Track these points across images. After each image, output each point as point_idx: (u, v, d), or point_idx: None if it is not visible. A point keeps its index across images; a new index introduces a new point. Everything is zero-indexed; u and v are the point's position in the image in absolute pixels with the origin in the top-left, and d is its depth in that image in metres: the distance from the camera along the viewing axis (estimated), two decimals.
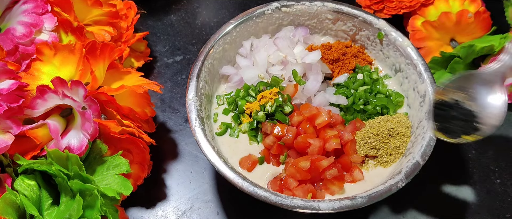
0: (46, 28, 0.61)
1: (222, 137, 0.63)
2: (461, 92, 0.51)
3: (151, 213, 0.65)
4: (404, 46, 0.66)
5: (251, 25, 0.69)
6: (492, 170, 0.69)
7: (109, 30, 0.69)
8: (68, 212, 0.51)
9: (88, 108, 0.54)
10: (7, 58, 0.58)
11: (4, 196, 0.51)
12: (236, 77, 0.67)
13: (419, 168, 0.55)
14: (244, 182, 0.54)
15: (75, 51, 0.58)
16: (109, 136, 0.57)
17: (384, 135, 0.61)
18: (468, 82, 0.51)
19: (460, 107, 0.51)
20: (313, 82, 0.64)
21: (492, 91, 0.50)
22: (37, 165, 0.52)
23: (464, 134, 0.50)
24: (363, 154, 0.60)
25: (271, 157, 0.62)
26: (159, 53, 0.82)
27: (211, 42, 0.65)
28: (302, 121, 0.61)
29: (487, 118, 0.49)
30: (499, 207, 0.66)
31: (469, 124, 0.50)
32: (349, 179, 0.59)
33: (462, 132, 0.50)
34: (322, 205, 0.52)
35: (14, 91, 0.53)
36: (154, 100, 0.74)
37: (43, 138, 0.56)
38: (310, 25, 0.72)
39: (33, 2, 0.61)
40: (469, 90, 0.51)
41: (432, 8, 0.77)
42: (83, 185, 0.52)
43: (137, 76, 0.63)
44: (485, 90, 0.50)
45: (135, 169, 0.60)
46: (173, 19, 0.86)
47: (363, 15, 0.69)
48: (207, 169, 0.69)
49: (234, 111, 0.65)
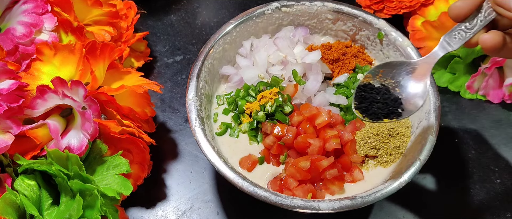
0: (46, 28, 0.61)
1: (222, 137, 0.63)
2: (389, 78, 0.53)
3: (151, 213, 0.65)
4: (404, 46, 0.66)
5: (251, 25, 0.69)
6: (492, 170, 0.69)
7: (109, 30, 0.69)
8: (68, 212, 0.51)
9: (88, 108, 0.54)
10: (7, 58, 0.58)
11: (4, 196, 0.51)
12: (236, 77, 0.67)
13: (419, 168, 0.55)
14: (244, 182, 0.54)
15: (75, 51, 0.58)
16: (109, 136, 0.57)
17: (384, 135, 0.61)
18: (398, 69, 0.53)
19: (385, 92, 0.53)
20: (313, 82, 0.64)
21: (417, 80, 0.52)
22: (37, 165, 0.52)
23: (385, 117, 0.52)
24: (363, 154, 0.60)
25: (271, 157, 0.62)
26: (159, 53, 0.82)
27: (211, 42, 0.65)
28: (302, 121, 0.61)
29: (408, 105, 0.52)
30: (499, 207, 0.66)
31: (391, 109, 0.52)
32: (349, 179, 0.59)
33: (383, 116, 0.52)
34: (322, 205, 0.52)
35: (14, 91, 0.53)
36: (154, 100, 0.74)
37: (43, 138, 0.56)
38: (310, 25, 0.72)
39: (33, 2, 0.61)
40: (397, 77, 0.53)
41: (432, 8, 0.77)
42: (83, 185, 0.52)
43: (137, 76, 0.63)
44: (411, 78, 0.52)
45: (135, 169, 0.60)
46: (173, 19, 0.86)
47: (363, 15, 0.69)
48: (207, 169, 0.69)
49: (234, 111, 0.65)
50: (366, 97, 0.53)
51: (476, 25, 0.48)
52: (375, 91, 0.53)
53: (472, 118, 0.74)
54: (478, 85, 0.74)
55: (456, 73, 0.75)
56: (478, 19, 0.47)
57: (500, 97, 0.74)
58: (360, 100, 0.53)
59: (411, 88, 0.52)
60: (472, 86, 0.73)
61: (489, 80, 0.72)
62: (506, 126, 0.73)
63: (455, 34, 0.49)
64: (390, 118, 0.52)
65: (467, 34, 0.48)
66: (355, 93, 0.54)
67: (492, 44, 0.45)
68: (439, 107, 0.59)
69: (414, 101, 0.52)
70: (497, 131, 0.73)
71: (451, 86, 0.75)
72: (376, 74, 0.54)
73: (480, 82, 0.73)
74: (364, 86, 0.54)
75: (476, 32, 0.48)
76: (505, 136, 0.72)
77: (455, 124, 0.73)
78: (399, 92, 0.53)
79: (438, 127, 0.58)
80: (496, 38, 0.45)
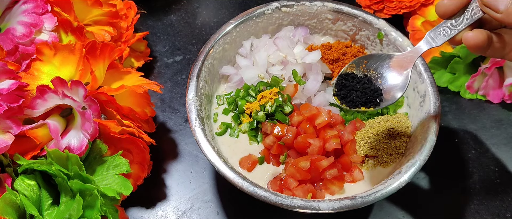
0: (46, 28, 0.61)
1: (222, 137, 0.63)
2: (373, 69, 0.55)
3: (151, 213, 0.65)
4: (404, 46, 0.66)
5: (251, 25, 0.69)
6: (492, 170, 0.69)
7: (109, 30, 0.69)
8: (68, 212, 0.51)
9: (88, 108, 0.54)
10: (7, 58, 0.58)
11: (4, 196, 0.51)
12: (236, 77, 0.67)
13: (419, 168, 0.55)
14: (244, 182, 0.54)
15: (75, 51, 0.58)
16: (109, 136, 0.57)
17: (384, 135, 0.61)
18: (381, 61, 0.54)
19: (366, 82, 0.54)
20: (313, 82, 0.64)
21: (399, 72, 0.53)
22: (37, 165, 0.52)
23: (363, 106, 0.54)
24: (363, 154, 0.60)
25: (271, 157, 0.62)
26: (159, 53, 0.82)
27: (211, 42, 0.65)
28: (302, 121, 0.61)
29: (387, 96, 0.54)
30: (499, 207, 0.66)
31: (369, 98, 0.54)
32: (349, 179, 0.59)
33: (361, 104, 0.54)
34: (322, 205, 0.52)
35: (14, 91, 0.53)
36: (154, 100, 0.74)
37: (43, 138, 0.56)
38: (310, 25, 0.72)
39: (33, 2, 0.61)
40: (380, 69, 0.54)
41: (432, 8, 0.77)
42: (83, 185, 0.52)
43: (137, 76, 0.63)
44: (393, 70, 0.54)
45: (135, 169, 0.60)
46: (173, 19, 0.86)
47: (363, 15, 0.69)
48: (207, 169, 0.69)
49: (234, 111, 0.65)
50: (346, 85, 0.55)
51: (462, 23, 0.48)
52: (356, 80, 0.55)
53: (472, 118, 0.74)
54: (478, 85, 0.74)
55: (456, 73, 0.75)
56: (464, 18, 0.48)
57: (500, 97, 0.74)
58: (340, 88, 0.55)
59: (392, 80, 0.54)
60: (472, 86, 0.73)
61: (489, 80, 0.72)
62: (506, 126, 0.73)
63: (440, 31, 0.50)
64: (368, 106, 0.54)
65: (452, 31, 0.49)
66: (336, 80, 0.55)
67: (475, 42, 0.46)
68: (439, 107, 0.59)
69: (393, 93, 0.53)
70: (497, 131, 0.73)
71: (451, 86, 0.75)
72: (360, 64, 0.55)
73: (480, 82, 0.73)
74: (346, 75, 0.55)
75: (460, 30, 0.48)
76: (505, 136, 0.72)
77: (455, 124, 0.73)
78: (381, 83, 0.54)
79: (438, 127, 0.57)
80: (479, 37, 0.45)
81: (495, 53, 0.48)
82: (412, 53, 0.52)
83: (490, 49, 0.47)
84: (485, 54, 0.48)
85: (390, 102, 0.53)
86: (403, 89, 0.53)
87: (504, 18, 0.44)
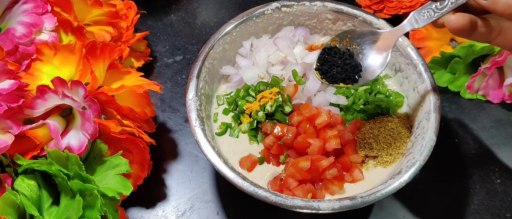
0: (46, 28, 0.61)
1: (222, 137, 0.63)
2: (356, 44, 0.56)
3: (151, 213, 0.65)
4: (404, 46, 0.66)
5: (251, 25, 0.69)
6: (492, 170, 0.69)
7: (109, 30, 0.69)
8: (68, 212, 0.51)
9: (88, 108, 0.54)
10: (7, 58, 0.58)
11: (4, 196, 0.51)
12: (236, 77, 0.67)
13: (419, 168, 0.55)
14: (244, 182, 0.54)
15: (75, 51, 0.58)
16: (109, 136, 0.57)
17: (384, 135, 0.61)
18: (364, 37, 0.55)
19: (347, 58, 0.55)
20: (313, 82, 0.64)
21: (380, 51, 0.54)
22: (37, 165, 0.52)
23: (342, 82, 0.55)
24: (363, 154, 0.60)
25: (271, 157, 0.62)
26: (159, 53, 0.82)
27: (211, 42, 0.65)
28: (302, 121, 0.61)
29: (366, 73, 0.54)
30: (499, 207, 0.66)
31: (348, 75, 0.55)
32: (349, 179, 0.59)
33: (340, 80, 0.55)
34: (322, 205, 0.52)
35: (14, 91, 0.53)
36: (154, 100, 0.74)
37: (43, 138, 0.56)
38: (310, 25, 0.72)
39: (33, 2, 0.61)
40: (362, 44, 0.55)
41: None
42: (83, 185, 0.52)
43: (137, 76, 0.63)
44: (375, 48, 0.54)
45: (135, 169, 0.60)
46: (173, 19, 0.86)
47: (363, 15, 0.69)
48: (207, 169, 0.69)
49: (234, 111, 0.65)
50: (328, 60, 0.56)
51: (446, 7, 0.48)
52: (337, 56, 0.55)
53: (472, 118, 0.74)
54: (478, 85, 0.74)
55: (456, 73, 0.75)
56: (449, 1, 0.48)
57: (500, 97, 0.74)
58: (322, 62, 0.56)
59: (372, 58, 0.54)
60: (472, 86, 0.73)
61: (489, 80, 0.72)
62: (506, 126, 0.73)
63: (424, 12, 0.50)
64: (346, 83, 0.55)
65: (435, 14, 0.49)
66: (319, 54, 0.56)
67: (456, 25, 0.46)
68: (439, 107, 0.59)
69: (372, 70, 0.54)
70: (497, 131, 0.73)
71: (451, 86, 0.75)
72: (344, 38, 0.56)
73: (480, 82, 0.73)
74: (329, 49, 0.56)
75: (444, 13, 0.48)
76: (505, 136, 0.72)
77: (455, 124, 0.73)
78: (362, 59, 0.55)
79: (438, 127, 0.57)
80: (461, 20, 0.46)
81: (480, 38, 0.48)
82: (396, 31, 0.53)
83: (474, 34, 0.47)
84: (470, 38, 0.48)
85: (367, 80, 0.54)
86: (382, 67, 0.53)
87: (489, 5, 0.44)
